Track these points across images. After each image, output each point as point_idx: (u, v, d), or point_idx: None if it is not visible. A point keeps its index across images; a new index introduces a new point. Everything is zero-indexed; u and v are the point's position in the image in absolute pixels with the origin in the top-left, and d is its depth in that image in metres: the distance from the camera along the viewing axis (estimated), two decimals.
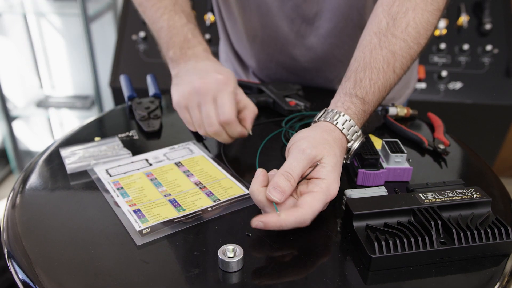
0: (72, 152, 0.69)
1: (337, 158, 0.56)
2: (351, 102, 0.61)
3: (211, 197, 0.60)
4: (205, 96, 0.66)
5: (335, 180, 0.54)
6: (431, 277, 0.48)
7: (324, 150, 0.55)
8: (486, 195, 0.55)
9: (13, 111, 2.24)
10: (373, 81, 0.62)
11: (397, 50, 0.63)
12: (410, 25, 0.64)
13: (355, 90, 0.62)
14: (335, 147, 0.57)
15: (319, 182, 0.53)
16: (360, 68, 0.63)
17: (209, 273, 0.47)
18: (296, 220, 0.51)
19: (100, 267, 0.48)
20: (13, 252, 0.51)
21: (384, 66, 0.63)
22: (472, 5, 1.79)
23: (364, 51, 0.65)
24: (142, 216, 0.56)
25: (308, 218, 0.51)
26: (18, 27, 2.24)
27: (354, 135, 0.60)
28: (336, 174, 0.55)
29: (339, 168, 0.57)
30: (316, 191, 0.53)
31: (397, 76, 0.64)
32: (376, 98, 0.63)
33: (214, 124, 0.66)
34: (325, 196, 0.53)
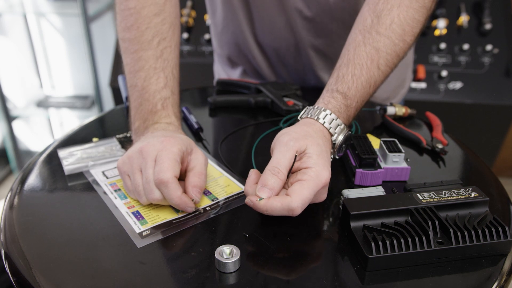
0: (70, 153, 0.69)
1: (321, 147, 0.56)
2: (332, 97, 0.62)
3: (209, 196, 0.60)
4: (146, 158, 0.56)
5: (324, 167, 0.54)
6: (428, 277, 0.48)
7: (307, 141, 0.56)
8: (483, 195, 0.55)
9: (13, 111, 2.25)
10: (356, 77, 0.63)
11: (381, 47, 0.64)
12: (395, 22, 0.65)
13: (337, 86, 0.63)
14: (317, 137, 0.58)
15: (307, 170, 0.54)
16: (344, 64, 0.64)
17: (206, 274, 0.47)
18: (283, 206, 0.51)
19: (98, 268, 0.48)
20: (10, 253, 0.51)
21: (368, 62, 0.63)
22: (472, 5, 1.79)
23: (348, 48, 0.66)
24: (141, 218, 0.56)
25: (297, 207, 0.51)
26: (18, 27, 2.24)
27: (337, 128, 0.60)
28: (323, 161, 0.55)
29: (326, 156, 0.57)
30: (305, 179, 0.53)
31: (382, 73, 0.65)
32: (360, 94, 0.63)
33: (154, 190, 0.55)
34: (314, 183, 0.53)
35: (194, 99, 0.97)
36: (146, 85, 0.67)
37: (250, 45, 0.95)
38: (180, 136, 0.61)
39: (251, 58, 0.98)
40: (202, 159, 0.60)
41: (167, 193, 0.55)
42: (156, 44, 0.69)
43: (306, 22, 0.87)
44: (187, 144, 0.60)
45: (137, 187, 0.57)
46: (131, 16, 0.71)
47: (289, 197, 0.51)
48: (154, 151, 0.57)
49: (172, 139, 0.58)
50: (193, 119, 0.80)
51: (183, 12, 1.83)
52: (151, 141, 0.58)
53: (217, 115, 0.86)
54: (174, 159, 0.56)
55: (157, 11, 0.71)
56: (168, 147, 0.57)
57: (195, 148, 0.61)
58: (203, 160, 0.60)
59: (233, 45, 0.98)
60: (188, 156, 0.60)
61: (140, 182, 0.57)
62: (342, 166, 0.68)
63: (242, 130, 0.80)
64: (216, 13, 0.97)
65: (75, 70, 2.35)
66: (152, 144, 0.58)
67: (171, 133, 0.62)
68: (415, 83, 1.72)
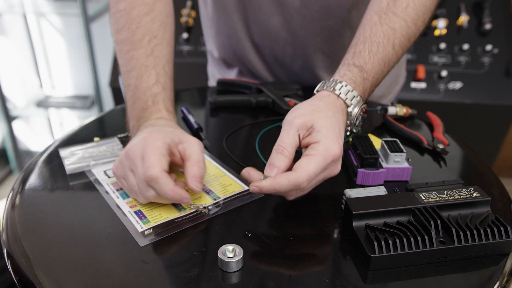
0: (71, 152, 0.69)
1: (331, 120, 0.56)
2: (348, 70, 0.63)
3: (211, 195, 0.60)
4: (133, 159, 0.56)
5: (333, 141, 0.54)
6: (430, 277, 0.48)
7: (313, 116, 0.56)
8: (485, 195, 0.55)
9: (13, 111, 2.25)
10: (373, 53, 0.64)
11: (397, 28, 0.66)
12: (410, 6, 0.67)
13: (353, 60, 0.64)
14: (327, 110, 0.57)
15: (315, 145, 0.54)
16: (360, 42, 0.65)
17: (209, 273, 0.47)
18: (290, 183, 0.51)
19: (100, 268, 0.48)
20: (12, 253, 0.51)
21: (384, 41, 0.65)
22: (472, 5, 1.79)
23: (364, 28, 0.67)
24: (144, 217, 0.56)
25: (303, 181, 0.51)
26: (18, 27, 2.24)
27: (353, 99, 0.60)
28: (333, 134, 0.54)
29: (338, 129, 0.56)
30: (312, 154, 0.53)
31: (396, 53, 0.66)
32: (376, 70, 0.64)
33: (147, 188, 0.55)
34: (322, 158, 0.52)
35: (194, 99, 0.97)
36: (138, 83, 0.67)
37: (245, 47, 0.95)
38: (165, 129, 0.60)
39: (246, 60, 0.98)
40: (196, 146, 0.58)
41: (159, 188, 0.54)
42: (147, 42, 0.69)
43: (305, 20, 0.87)
44: (173, 135, 0.58)
45: (133, 188, 0.57)
46: (122, 17, 0.71)
47: (295, 172, 0.51)
48: (139, 150, 0.56)
49: (155, 134, 0.58)
50: (192, 119, 0.80)
51: (183, 12, 1.83)
52: (135, 141, 0.58)
53: (218, 115, 0.86)
54: (159, 153, 0.55)
55: (147, 10, 0.71)
56: (151, 142, 0.56)
57: (185, 136, 0.59)
58: (197, 147, 0.58)
59: (227, 47, 0.98)
60: (178, 146, 0.58)
61: (135, 182, 0.56)
62: (343, 166, 0.69)
63: (243, 128, 0.80)
64: (208, 16, 0.97)
65: (75, 70, 2.35)
66: (136, 143, 0.57)
67: (157, 127, 0.61)
68: (415, 83, 1.72)
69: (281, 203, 0.59)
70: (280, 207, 0.59)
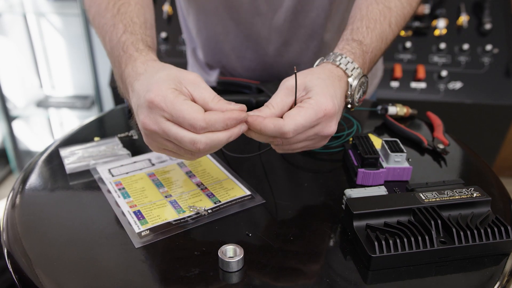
0: (71, 152, 0.69)
1: (324, 81, 0.55)
2: (347, 44, 0.63)
3: (212, 198, 0.60)
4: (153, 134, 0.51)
5: (326, 96, 0.53)
6: (431, 277, 0.48)
7: (307, 77, 0.55)
8: (485, 195, 0.55)
9: (13, 111, 2.25)
10: (370, 29, 0.64)
11: (393, 7, 0.67)
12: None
13: (352, 35, 0.64)
14: (321, 73, 0.57)
15: (307, 100, 0.53)
16: (357, 19, 0.66)
17: (209, 273, 0.47)
18: (275, 127, 0.50)
19: (100, 267, 0.48)
20: (13, 252, 0.51)
21: (381, 18, 0.66)
22: (472, 5, 1.79)
23: (360, 7, 0.68)
24: (142, 217, 0.56)
25: (289, 130, 0.50)
26: (18, 27, 2.24)
27: (354, 70, 0.59)
28: (326, 91, 0.53)
29: (332, 89, 0.55)
30: (303, 106, 0.52)
31: (392, 31, 0.67)
32: (374, 45, 0.64)
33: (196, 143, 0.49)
34: (312, 111, 0.51)
35: None
36: (113, 45, 0.62)
37: (225, 50, 0.94)
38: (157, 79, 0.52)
39: (226, 62, 0.97)
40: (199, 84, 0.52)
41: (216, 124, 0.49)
42: (112, 6, 0.66)
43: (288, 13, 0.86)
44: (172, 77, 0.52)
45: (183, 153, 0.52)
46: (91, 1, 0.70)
47: (282, 119, 0.51)
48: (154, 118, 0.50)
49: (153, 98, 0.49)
50: None
51: None
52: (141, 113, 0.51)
53: None
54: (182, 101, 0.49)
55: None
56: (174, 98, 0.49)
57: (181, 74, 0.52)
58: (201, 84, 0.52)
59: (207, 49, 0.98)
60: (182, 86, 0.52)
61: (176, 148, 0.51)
62: (344, 166, 0.69)
63: None
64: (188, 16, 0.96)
65: (75, 70, 2.35)
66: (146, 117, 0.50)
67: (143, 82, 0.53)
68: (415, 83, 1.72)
69: (281, 204, 0.59)
70: (281, 207, 0.59)
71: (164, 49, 1.80)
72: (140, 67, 0.56)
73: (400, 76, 1.73)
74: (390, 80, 1.74)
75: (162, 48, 1.80)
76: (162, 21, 1.83)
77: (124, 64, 0.58)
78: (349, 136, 0.76)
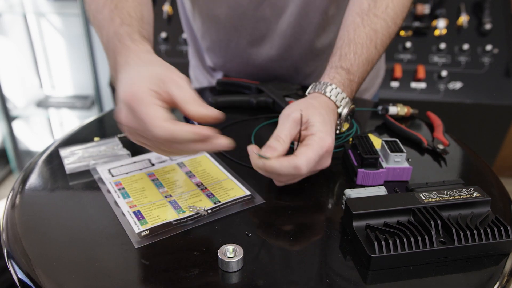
0: (71, 152, 0.69)
1: (323, 116, 0.60)
2: (337, 73, 0.67)
3: (212, 198, 0.60)
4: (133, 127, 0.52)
5: (327, 133, 0.58)
6: (431, 277, 0.48)
7: (308, 111, 0.60)
8: (485, 195, 0.55)
9: (13, 111, 2.25)
10: (357, 55, 0.68)
11: (378, 29, 0.70)
12: (389, 7, 0.71)
13: (340, 63, 0.68)
14: (319, 108, 0.62)
15: (311, 137, 0.58)
16: (345, 44, 0.69)
17: (209, 273, 0.47)
18: (290, 164, 0.55)
19: (100, 267, 0.48)
20: (13, 252, 0.51)
21: (367, 42, 0.69)
22: (472, 5, 1.79)
23: (348, 29, 0.70)
24: (142, 217, 0.56)
25: (302, 165, 0.55)
26: (18, 27, 2.24)
27: (343, 101, 0.65)
28: (326, 128, 0.59)
29: (330, 125, 0.60)
30: (309, 143, 0.57)
31: (378, 52, 0.70)
32: (361, 70, 0.68)
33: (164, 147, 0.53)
34: (318, 146, 0.56)
35: None
36: (109, 38, 0.62)
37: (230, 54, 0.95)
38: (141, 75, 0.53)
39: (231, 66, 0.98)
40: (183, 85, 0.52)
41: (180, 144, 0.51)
42: (110, 2, 0.66)
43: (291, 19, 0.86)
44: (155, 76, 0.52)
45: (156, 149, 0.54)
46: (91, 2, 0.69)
47: (295, 156, 0.55)
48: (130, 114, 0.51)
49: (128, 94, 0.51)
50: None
51: None
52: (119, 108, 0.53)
53: None
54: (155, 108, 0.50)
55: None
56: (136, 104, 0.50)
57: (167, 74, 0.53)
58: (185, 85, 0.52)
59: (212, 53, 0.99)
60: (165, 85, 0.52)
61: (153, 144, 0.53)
62: (343, 165, 0.69)
63: (243, 127, 0.80)
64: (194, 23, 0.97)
65: (75, 70, 2.35)
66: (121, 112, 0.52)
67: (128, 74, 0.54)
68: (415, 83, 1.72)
69: (281, 204, 0.59)
70: (281, 207, 0.59)
71: (164, 49, 1.80)
72: (131, 58, 0.57)
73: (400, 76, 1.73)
74: (390, 80, 1.74)
75: (162, 48, 1.80)
76: (162, 21, 1.83)
77: (118, 54, 0.59)
78: (349, 136, 0.76)
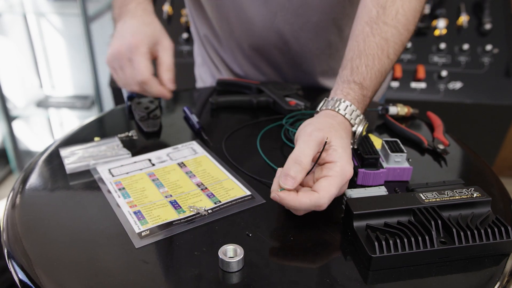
0: (71, 152, 0.69)
1: (344, 140, 0.57)
2: (350, 88, 0.63)
3: (212, 198, 0.60)
4: (121, 60, 0.72)
5: (348, 162, 0.55)
6: (431, 277, 0.48)
7: (331, 133, 0.57)
8: (486, 195, 0.55)
9: (13, 111, 2.24)
10: (369, 67, 0.65)
11: (389, 37, 0.66)
12: (399, 13, 0.67)
13: (353, 77, 0.64)
14: (340, 130, 0.58)
15: (333, 166, 0.54)
16: (356, 56, 0.66)
17: (210, 273, 0.47)
18: (311, 203, 0.52)
19: (100, 267, 0.48)
20: (13, 252, 0.51)
21: (379, 52, 0.65)
22: (472, 5, 1.79)
23: (357, 40, 0.67)
24: (142, 217, 0.56)
25: (324, 203, 0.52)
26: (18, 27, 2.24)
27: (357, 119, 0.62)
28: (347, 155, 0.56)
29: (349, 150, 0.57)
30: (331, 175, 0.53)
31: (391, 61, 0.67)
32: (373, 83, 0.65)
33: (133, 84, 0.72)
34: (340, 179, 0.54)
35: (194, 99, 0.97)
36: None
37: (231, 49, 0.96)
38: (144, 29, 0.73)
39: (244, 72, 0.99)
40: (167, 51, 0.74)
41: (149, 88, 0.72)
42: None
43: (289, 15, 0.86)
44: (152, 36, 0.73)
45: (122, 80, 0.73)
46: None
47: (317, 193, 0.52)
48: (124, 53, 0.71)
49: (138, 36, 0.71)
50: (195, 119, 0.80)
51: (183, 12, 1.83)
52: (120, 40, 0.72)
53: (219, 115, 0.86)
54: (146, 59, 0.71)
55: None
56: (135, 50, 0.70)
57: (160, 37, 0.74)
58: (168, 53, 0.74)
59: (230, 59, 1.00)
60: (155, 46, 0.74)
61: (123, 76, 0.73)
62: None
63: (245, 128, 0.80)
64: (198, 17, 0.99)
65: (75, 70, 2.35)
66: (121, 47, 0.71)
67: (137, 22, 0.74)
68: (415, 83, 1.72)
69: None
70: (281, 207, 0.59)
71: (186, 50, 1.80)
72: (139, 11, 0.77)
73: (400, 76, 1.73)
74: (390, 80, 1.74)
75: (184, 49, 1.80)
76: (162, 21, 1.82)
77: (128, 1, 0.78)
78: None
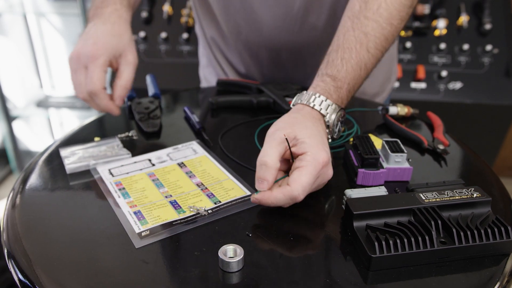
0: (71, 152, 0.69)
1: (311, 129, 0.58)
2: (321, 80, 0.65)
3: (212, 198, 0.60)
4: (78, 64, 0.70)
5: (320, 149, 0.56)
6: (431, 277, 0.48)
7: (294, 127, 0.58)
8: (486, 195, 0.55)
9: (13, 111, 2.24)
10: (345, 60, 0.65)
11: (369, 31, 0.66)
12: (382, 7, 0.67)
13: (326, 70, 0.66)
14: (305, 121, 0.59)
15: (303, 156, 0.55)
16: (333, 50, 0.67)
17: (210, 273, 0.47)
18: (285, 197, 0.54)
19: (100, 267, 0.48)
20: (13, 252, 0.51)
21: (357, 46, 0.66)
22: (472, 5, 1.79)
23: (338, 34, 0.68)
24: (142, 217, 0.56)
25: (299, 194, 0.53)
26: (18, 27, 2.24)
27: (328, 108, 0.63)
28: (316, 142, 0.56)
29: (320, 137, 0.58)
30: (302, 165, 0.55)
31: (372, 56, 0.67)
32: (351, 76, 0.65)
33: (82, 92, 0.70)
34: (312, 167, 0.54)
35: (194, 99, 0.97)
36: None
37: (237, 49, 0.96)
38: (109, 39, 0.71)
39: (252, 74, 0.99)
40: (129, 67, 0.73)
41: (97, 100, 0.70)
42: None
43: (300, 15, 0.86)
44: (115, 48, 0.71)
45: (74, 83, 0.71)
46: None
47: (289, 186, 0.53)
48: (83, 59, 0.69)
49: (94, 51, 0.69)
50: (196, 119, 0.80)
51: (183, 12, 1.83)
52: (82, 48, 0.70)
53: (219, 115, 0.86)
54: (101, 72, 0.69)
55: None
56: (93, 59, 0.69)
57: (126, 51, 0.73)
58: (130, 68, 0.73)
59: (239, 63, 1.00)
60: (117, 59, 0.72)
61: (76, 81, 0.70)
62: (344, 166, 0.69)
63: (242, 126, 0.80)
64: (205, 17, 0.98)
65: None
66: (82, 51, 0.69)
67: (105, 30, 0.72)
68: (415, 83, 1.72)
69: None
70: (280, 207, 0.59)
71: (164, 49, 1.80)
72: (113, 18, 0.74)
73: (400, 76, 1.73)
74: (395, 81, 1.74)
75: (162, 48, 1.80)
76: (162, 21, 1.83)
77: (105, 4, 0.75)
78: (350, 136, 0.76)
